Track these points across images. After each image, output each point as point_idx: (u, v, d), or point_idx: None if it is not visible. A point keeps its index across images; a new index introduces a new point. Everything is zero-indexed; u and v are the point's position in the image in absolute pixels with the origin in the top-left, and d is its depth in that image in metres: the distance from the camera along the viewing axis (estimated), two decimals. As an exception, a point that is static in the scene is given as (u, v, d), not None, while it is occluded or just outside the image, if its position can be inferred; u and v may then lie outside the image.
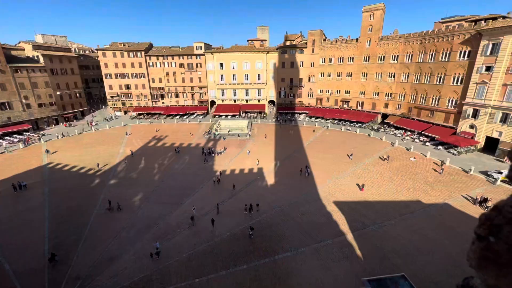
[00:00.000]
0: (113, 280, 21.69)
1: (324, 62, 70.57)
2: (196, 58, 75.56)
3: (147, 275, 22.07)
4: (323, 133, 60.57)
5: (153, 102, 79.67)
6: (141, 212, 31.64)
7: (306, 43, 71.22)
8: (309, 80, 73.62)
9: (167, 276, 22.00)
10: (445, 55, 50.41)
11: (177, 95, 79.72)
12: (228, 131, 61.84)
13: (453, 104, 50.46)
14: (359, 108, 68.19)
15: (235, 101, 77.54)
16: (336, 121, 68.06)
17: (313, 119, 71.97)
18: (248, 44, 79.23)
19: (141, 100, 79.02)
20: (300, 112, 75.71)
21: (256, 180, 39.23)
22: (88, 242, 26.33)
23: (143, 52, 74.89)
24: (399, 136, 55.65)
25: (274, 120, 72.23)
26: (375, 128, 62.03)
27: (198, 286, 20.95)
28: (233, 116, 74.52)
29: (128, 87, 77.82)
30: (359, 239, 25.48)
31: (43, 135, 59.31)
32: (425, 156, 44.53)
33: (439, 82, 52.12)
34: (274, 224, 28.42)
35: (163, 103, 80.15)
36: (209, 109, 79.15)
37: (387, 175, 38.90)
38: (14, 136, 57.15)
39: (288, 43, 74.69)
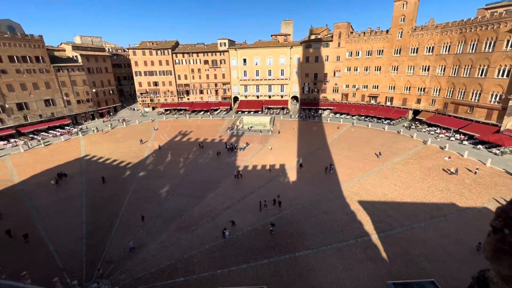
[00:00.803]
0: (141, 266, 23.14)
1: (350, 55, 67.77)
2: (220, 55, 76.60)
3: (173, 264, 23.22)
4: (348, 130, 58.53)
5: (179, 98, 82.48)
6: (167, 203, 33.19)
7: (332, 37, 68.82)
8: (334, 75, 71.26)
9: (190, 265, 22.98)
10: (489, 45, 45.80)
11: (201, 91, 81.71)
12: (251, 127, 62.20)
13: (497, 99, 45.84)
14: (388, 103, 64.70)
15: (258, 97, 77.59)
16: (363, 117, 65.31)
17: (338, 115, 69.76)
18: (271, 39, 78.48)
19: (168, 96, 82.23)
20: (324, 108, 73.73)
21: (278, 176, 39.16)
22: (119, 230, 28.29)
23: (170, 50, 77.56)
24: (432, 134, 51.96)
25: (297, 116, 71.20)
26: (406, 125, 58.50)
27: (219, 277, 21.62)
28: (256, 112, 74.71)
29: (156, 84, 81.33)
30: (384, 240, 24.46)
31: (81, 129, 64.32)
32: (462, 156, 41.16)
33: (481, 75, 47.58)
34: (295, 221, 28.27)
35: (188, 99, 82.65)
36: (232, 105, 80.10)
37: (418, 175, 36.64)
38: (56, 129, 62.73)
39: (313, 36, 72.72)
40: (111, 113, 79.28)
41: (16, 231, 27.70)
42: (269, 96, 77.09)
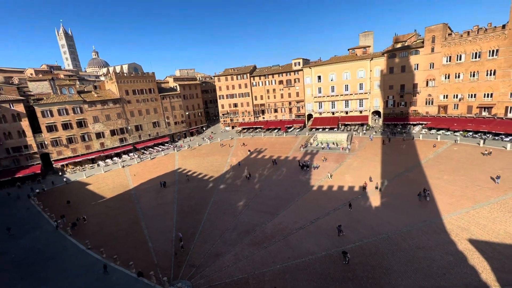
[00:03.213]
0: (217, 275, 24.58)
1: (449, 61, 57.23)
2: (294, 74, 78.32)
3: (245, 277, 23.69)
4: (449, 148, 48.22)
5: (255, 118, 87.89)
6: (242, 217, 34.80)
7: (422, 42, 60.31)
8: (427, 85, 61.34)
9: (261, 283, 22.86)
10: None
11: (275, 110, 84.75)
12: (326, 145, 59.54)
13: None
14: (510, 115, 50.31)
15: (333, 113, 74.36)
16: (470, 133, 52.76)
17: (433, 131, 58.82)
18: (348, 53, 75.18)
19: (245, 116, 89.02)
20: (415, 123, 63.65)
21: (357, 199, 35.45)
22: (201, 237, 31.25)
23: (248, 74, 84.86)
24: None
25: (379, 133, 63.99)
26: (542, 142, 43.62)
27: (291, 301, 20.58)
28: (331, 129, 71.44)
29: (235, 105, 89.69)
30: (514, 298, 18.09)
31: (176, 146, 76.52)
32: None
33: None
34: (378, 253, 24.52)
35: (263, 118, 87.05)
36: (306, 123, 79.32)
37: None
38: (159, 146, 76.73)
39: (398, 45, 65.58)
40: (204, 129, 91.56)
41: (128, 226, 34.53)
42: (346, 112, 72.67)
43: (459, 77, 56.54)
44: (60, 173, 57.59)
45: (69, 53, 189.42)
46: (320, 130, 72.24)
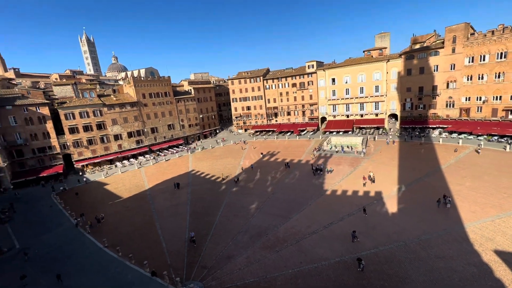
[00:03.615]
0: (228, 277, 24.59)
1: (471, 61, 54.71)
2: (308, 77, 77.72)
3: (256, 281, 23.54)
4: (472, 153, 45.89)
5: (268, 120, 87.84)
6: (254, 220, 34.71)
7: (442, 43, 58.12)
8: (447, 87, 58.92)
9: (273, 287, 22.63)
10: None
11: (288, 113, 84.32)
12: (340, 148, 58.43)
13: None
14: (540, 118, 47.20)
15: (347, 116, 72.96)
16: (495, 138, 49.97)
17: (454, 135, 56.26)
18: (364, 55, 73.73)
19: (258, 119, 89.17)
20: (434, 126, 61.21)
21: (372, 204, 34.42)
22: (213, 238, 31.44)
23: (261, 77, 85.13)
24: None
25: (396, 136, 62.01)
26: None
27: (303, 307, 20.21)
28: (345, 132, 70.09)
29: (248, 108, 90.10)
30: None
31: (190, 148, 77.83)
32: None
33: None
34: (395, 261, 23.62)
35: (276, 121, 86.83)
36: (319, 126, 78.31)
37: None
38: (174, 148, 78.35)
39: (417, 46, 63.58)
40: (217, 131, 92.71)
41: (143, 226, 35.38)
42: (361, 115, 71.09)
43: (482, 78, 53.92)
44: (80, 173, 60.12)
45: (90, 59, 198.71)
46: (334, 133, 71.09)
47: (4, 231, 33.91)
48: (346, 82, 70.99)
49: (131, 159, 68.35)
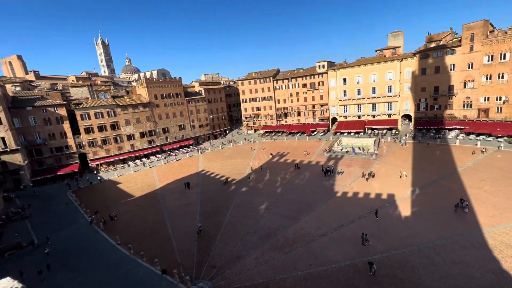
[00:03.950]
0: (237, 277, 24.62)
1: (491, 60, 52.55)
2: (318, 77, 76.94)
3: (265, 282, 23.45)
4: (491, 156, 44.02)
5: (278, 121, 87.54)
6: (263, 221, 34.62)
7: (459, 41, 56.13)
8: (465, 86, 56.83)
9: (282, 289, 22.46)
10: None
11: (298, 114, 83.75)
12: (351, 149, 57.44)
13: None
14: None
15: (359, 117, 71.67)
16: (516, 139, 47.77)
17: (471, 136, 54.17)
18: (376, 54, 72.24)
19: (268, 119, 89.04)
20: (450, 127, 59.18)
21: (385, 207, 33.62)
22: (223, 238, 31.59)
23: (271, 78, 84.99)
24: None
25: (410, 138, 60.35)
26: None
27: (312, 310, 19.95)
28: (357, 133, 68.86)
29: (258, 109, 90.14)
30: None
31: (200, 148, 78.67)
32: None
33: None
34: (408, 266, 22.94)
35: (286, 121, 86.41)
36: (330, 126, 77.31)
37: None
38: (184, 148, 79.43)
39: (432, 44, 61.70)
40: (227, 132, 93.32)
41: (154, 224, 36.03)
42: (373, 116, 69.66)
43: (502, 77, 51.70)
44: (95, 172, 61.97)
45: (105, 61, 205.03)
46: (345, 134, 70.02)
47: (24, 227, 35.41)
48: (357, 82, 69.81)
49: (143, 159, 69.82)
